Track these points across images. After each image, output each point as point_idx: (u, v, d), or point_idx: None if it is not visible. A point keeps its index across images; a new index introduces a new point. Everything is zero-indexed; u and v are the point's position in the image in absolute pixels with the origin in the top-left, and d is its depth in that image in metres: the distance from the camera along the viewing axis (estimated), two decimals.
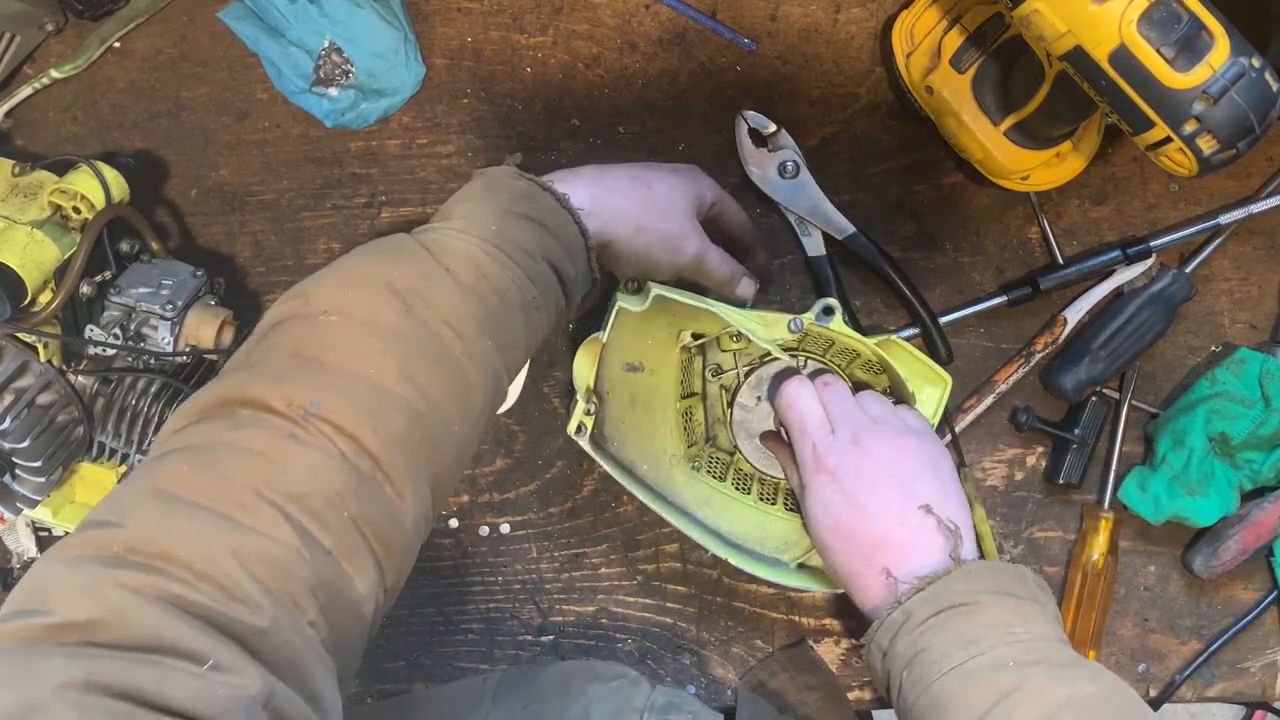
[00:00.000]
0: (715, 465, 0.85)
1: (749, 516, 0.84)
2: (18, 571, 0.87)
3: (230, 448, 0.51)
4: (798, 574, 0.82)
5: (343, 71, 0.82)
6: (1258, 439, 0.84)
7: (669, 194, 0.71)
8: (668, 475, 0.84)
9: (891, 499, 0.68)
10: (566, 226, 0.65)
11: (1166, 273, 0.86)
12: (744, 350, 0.84)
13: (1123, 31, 0.63)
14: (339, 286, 0.58)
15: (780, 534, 0.84)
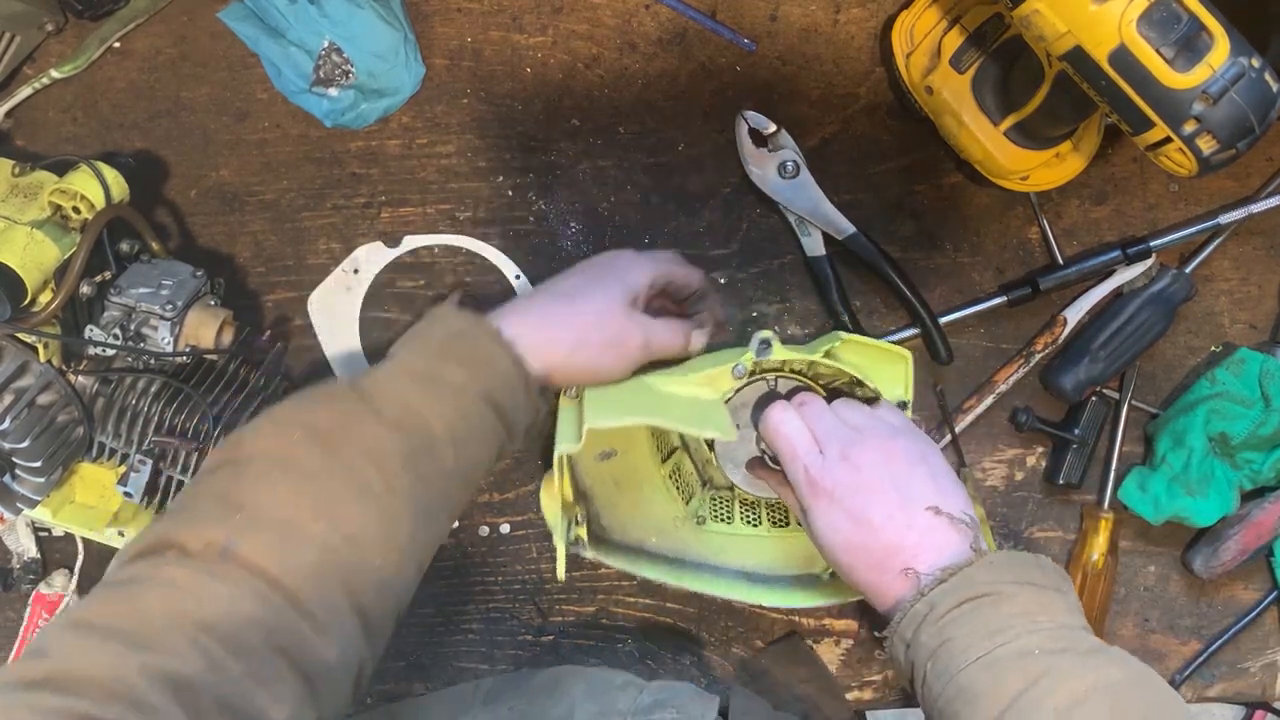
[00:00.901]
0: (719, 508, 0.85)
1: (768, 546, 0.84)
2: (18, 571, 0.87)
3: (149, 581, 0.56)
4: (833, 586, 0.81)
5: (343, 71, 0.82)
6: (1258, 439, 0.84)
7: (597, 305, 0.73)
8: (678, 538, 0.84)
9: (893, 506, 0.68)
10: (500, 360, 0.68)
11: (1166, 273, 0.86)
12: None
13: (1123, 31, 0.63)
14: (266, 433, 0.63)
15: (802, 549, 0.83)
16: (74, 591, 0.87)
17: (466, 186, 0.87)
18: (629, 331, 0.73)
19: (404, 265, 0.88)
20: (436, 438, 0.64)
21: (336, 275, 0.87)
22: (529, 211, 0.87)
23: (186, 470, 0.78)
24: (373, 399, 0.64)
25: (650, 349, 0.74)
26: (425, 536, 0.65)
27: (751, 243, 0.88)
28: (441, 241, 0.87)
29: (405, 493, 0.62)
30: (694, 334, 0.77)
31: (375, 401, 0.64)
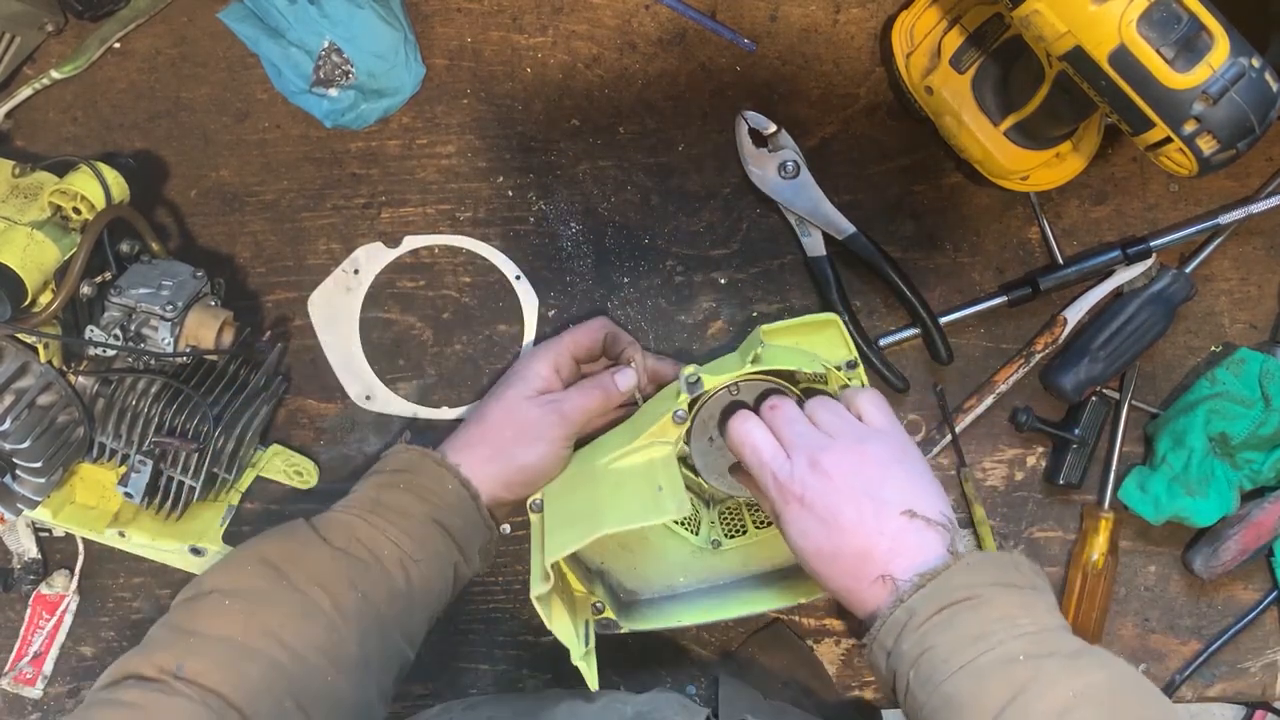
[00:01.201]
0: (730, 523, 0.85)
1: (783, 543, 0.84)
2: (18, 572, 0.87)
3: (107, 703, 0.61)
4: None
5: (343, 72, 0.82)
6: (1258, 439, 0.84)
7: (501, 408, 0.78)
8: (705, 567, 0.84)
9: (864, 512, 0.66)
10: (445, 483, 0.74)
11: (1166, 273, 0.86)
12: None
13: (1122, 32, 0.63)
14: (222, 569, 0.69)
15: None
16: (74, 592, 0.87)
17: (466, 186, 0.87)
18: (537, 417, 0.77)
19: (404, 265, 0.88)
20: (385, 559, 0.70)
21: (336, 275, 0.87)
22: (529, 211, 0.87)
23: (187, 470, 0.78)
24: (324, 529, 0.71)
25: (573, 420, 0.78)
26: (379, 657, 0.69)
27: (751, 243, 0.88)
28: (441, 242, 0.87)
29: (353, 611, 0.68)
30: (617, 379, 0.80)
31: (326, 531, 0.71)
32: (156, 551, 0.83)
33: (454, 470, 0.75)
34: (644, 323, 0.88)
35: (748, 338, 0.80)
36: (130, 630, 0.88)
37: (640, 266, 0.88)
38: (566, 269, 0.88)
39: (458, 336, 0.88)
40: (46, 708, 0.89)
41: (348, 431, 0.88)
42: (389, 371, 0.88)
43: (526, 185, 0.87)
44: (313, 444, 0.88)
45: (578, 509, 0.76)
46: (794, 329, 0.79)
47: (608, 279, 0.88)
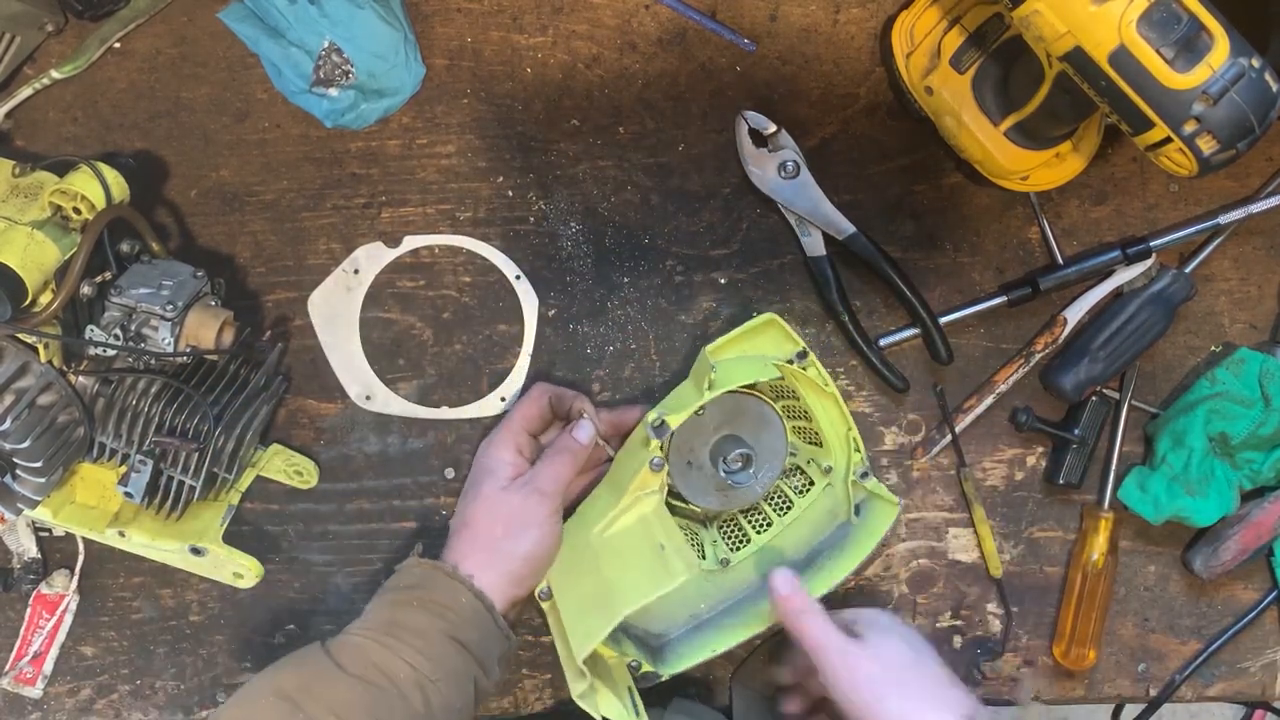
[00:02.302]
0: (731, 538, 0.86)
1: (791, 532, 0.86)
2: (18, 571, 0.87)
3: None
4: (864, 527, 0.84)
5: (343, 72, 0.82)
6: (1258, 439, 0.84)
7: (482, 508, 0.77)
8: (721, 587, 0.84)
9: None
10: (460, 596, 0.73)
11: (1166, 273, 0.86)
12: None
13: (1122, 32, 0.63)
14: (238, 704, 0.70)
15: (823, 509, 0.85)
16: (74, 591, 0.87)
17: (466, 186, 0.87)
18: (519, 503, 0.77)
19: (404, 265, 0.88)
20: (401, 684, 0.69)
21: (336, 275, 0.87)
22: (529, 211, 0.87)
23: (186, 470, 0.78)
24: (338, 655, 0.70)
25: (553, 493, 0.77)
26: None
27: (751, 243, 0.88)
28: (441, 241, 0.87)
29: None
30: (576, 435, 0.80)
31: (340, 657, 0.70)
32: (156, 551, 0.83)
33: (467, 583, 0.74)
34: (644, 323, 0.88)
35: (696, 361, 0.79)
36: (130, 630, 0.89)
37: (640, 266, 0.88)
38: (566, 269, 0.88)
39: (458, 336, 0.88)
40: (46, 707, 0.89)
41: (348, 431, 0.88)
42: (389, 371, 0.88)
43: (526, 185, 0.87)
44: (313, 444, 0.88)
45: (588, 592, 0.76)
46: (737, 340, 0.80)
47: (608, 279, 0.88)
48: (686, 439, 0.79)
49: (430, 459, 0.88)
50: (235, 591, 0.87)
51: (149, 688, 0.89)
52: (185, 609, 0.88)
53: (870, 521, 0.83)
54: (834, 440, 0.84)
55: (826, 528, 0.85)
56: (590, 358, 0.88)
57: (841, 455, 0.84)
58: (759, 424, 0.81)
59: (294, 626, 0.89)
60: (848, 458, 0.83)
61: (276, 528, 0.88)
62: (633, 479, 0.77)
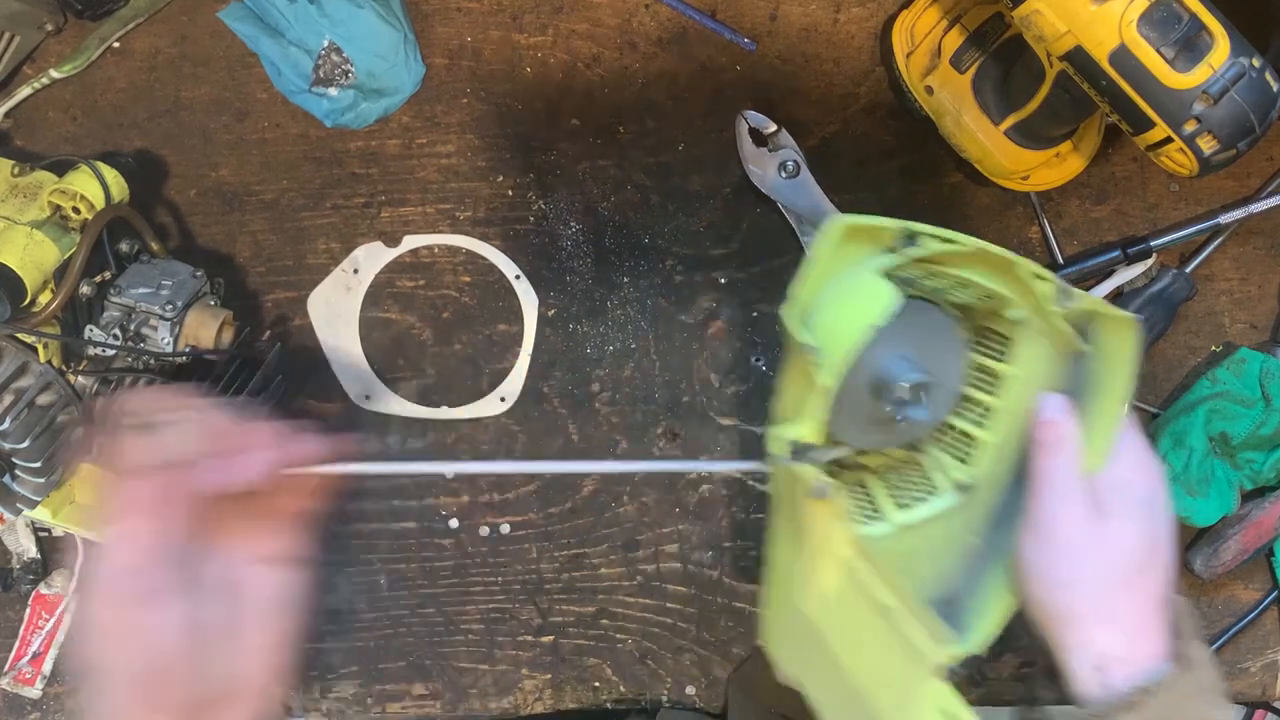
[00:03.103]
0: (956, 447, 0.64)
1: (1021, 399, 0.62)
2: (18, 572, 0.87)
3: None
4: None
5: (342, 71, 0.82)
6: (1258, 439, 0.84)
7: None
8: (981, 499, 0.64)
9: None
10: None
11: (1167, 273, 0.86)
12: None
13: (1123, 32, 0.63)
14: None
15: (1036, 355, 0.62)
16: (74, 592, 0.87)
17: (466, 186, 0.87)
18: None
19: (404, 265, 0.88)
20: None
21: (336, 275, 0.87)
22: (529, 211, 0.87)
23: None
24: None
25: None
26: None
27: (751, 242, 0.88)
28: (441, 241, 0.87)
29: None
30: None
31: None
32: None
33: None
34: (644, 323, 0.88)
35: (784, 335, 0.58)
36: None
37: (640, 266, 0.88)
38: (566, 268, 0.88)
39: (458, 336, 0.88)
40: (46, 708, 0.89)
41: (347, 431, 0.88)
42: (389, 371, 0.88)
43: (526, 185, 0.87)
44: None
45: (838, 695, 0.59)
46: (818, 276, 0.57)
47: (607, 278, 0.88)
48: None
49: (430, 459, 0.88)
50: None
51: None
52: None
53: (1108, 347, 0.59)
54: (1008, 289, 0.60)
55: (1059, 377, 0.61)
56: (590, 358, 0.88)
57: (1022, 298, 0.60)
58: (919, 329, 0.60)
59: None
60: (1034, 294, 0.59)
61: None
62: (802, 519, 0.57)
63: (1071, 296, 0.58)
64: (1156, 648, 0.57)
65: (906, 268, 0.57)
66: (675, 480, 0.88)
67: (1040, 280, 0.58)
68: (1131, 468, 0.59)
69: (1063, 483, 0.58)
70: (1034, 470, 0.59)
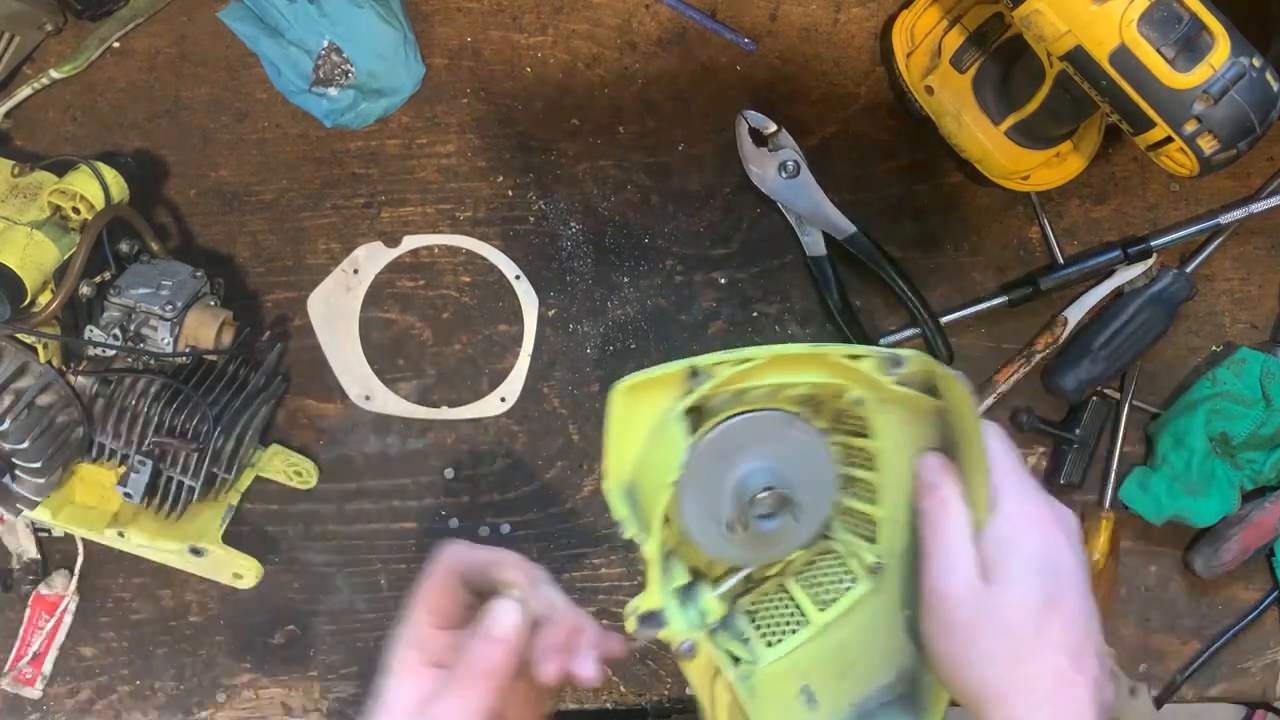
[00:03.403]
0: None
1: (895, 483, 0.60)
2: (18, 572, 0.87)
3: None
4: None
5: (342, 71, 0.82)
6: (1259, 439, 0.84)
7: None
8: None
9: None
10: None
11: (1167, 273, 0.86)
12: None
13: (1123, 31, 0.63)
14: None
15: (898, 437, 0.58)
16: (74, 592, 0.87)
17: (466, 186, 0.87)
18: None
19: (404, 265, 0.87)
20: None
21: (336, 275, 0.87)
22: (529, 211, 0.87)
23: (186, 470, 0.78)
24: None
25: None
26: None
27: (751, 243, 0.88)
28: (441, 241, 0.87)
29: None
30: (492, 630, 0.52)
31: None
32: (156, 551, 0.83)
33: None
34: (644, 323, 0.88)
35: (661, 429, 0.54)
36: (129, 631, 0.88)
37: (640, 266, 0.87)
38: (566, 269, 0.88)
39: (457, 336, 0.88)
40: (46, 708, 0.89)
41: (347, 432, 0.88)
42: (389, 371, 0.88)
43: (526, 185, 0.87)
44: (312, 444, 0.88)
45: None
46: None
47: (607, 279, 0.88)
48: (697, 482, 0.56)
49: (430, 459, 0.88)
50: (235, 592, 0.87)
51: (148, 688, 0.89)
52: (185, 609, 0.88)
53: (950, 398, 0.56)
54: (833, 376, 0.57)
55: (930, 435, 0.58)
56: (590, 358, 0.88)
57: (851, 378, 0.57)
58: (767, 438, 0.57)
59: (294, 627, 0.88)
60: (858, 372, 0.56)
61: (276, 528, 0.88)
62: (687, 678, 0.56)
63: (900, 362, 0.55)
64: (1085, 709, 0.53)
65: (726, 391, 0.55)
66: None
67: (857, 359, 0.55)
68: (1014, 520, 0.54)
69: (947, 555, 0.55)
70: (922, 544, 0.56)
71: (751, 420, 0.56)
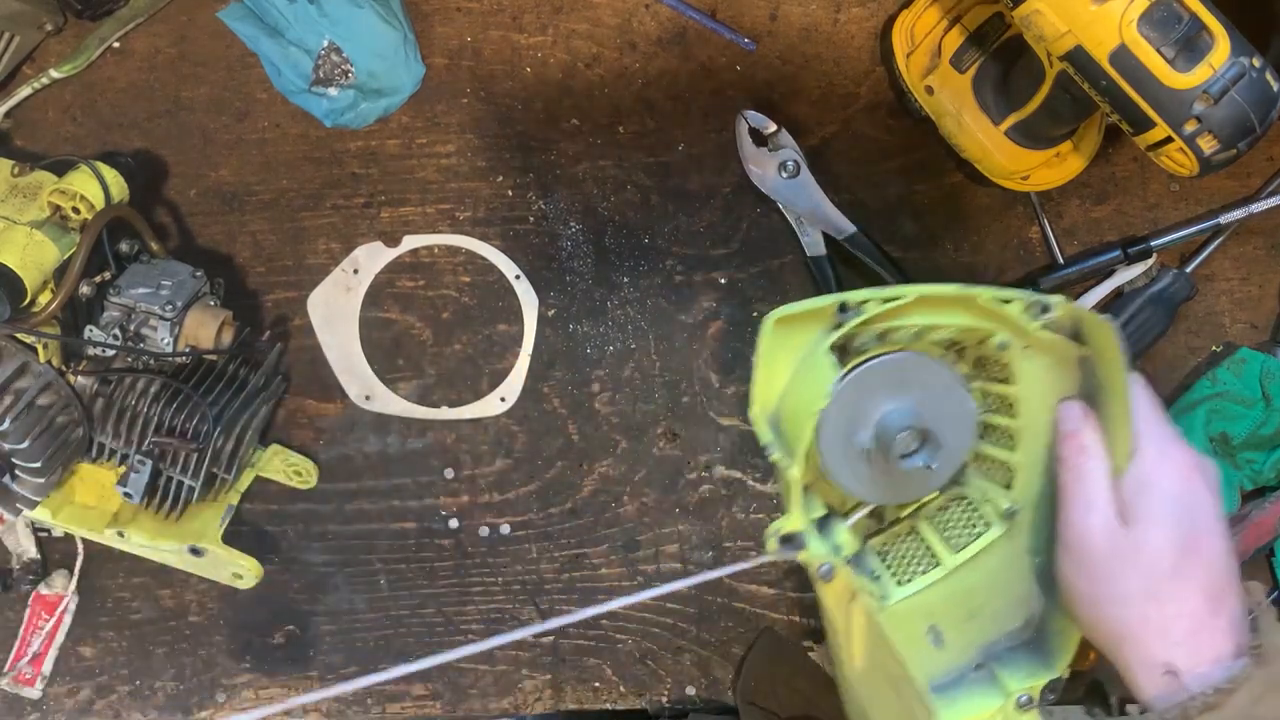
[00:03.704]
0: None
1: (1039, 416, 0.60)
2: (18, 572, 0.87)
3: None
4: None
5: (342, 71, 0.82)
6: (1258, 439, 0.84)
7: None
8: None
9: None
10: None
11: (1167, 273, 0.86)
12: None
13: (1123, 31, 0.63)
14: None
15: (1041, 367, 0.59)
16: (73, 592, 0.87)
17: (466, 186, 0.87)
18: None
19: (404, 265, 0.87)
20: None
21: (336, 275, 0.87)
22: (529, 211, 0.87)
23: (186, 470, 0.78)
24: None
25: None
26: None
27: (751, 243, 0.88)
28: (441, 241, 0.87)
29: None
30: None
31: None
32: (156, 551, 0.83)
33: None
34: (644, 323, 0.88)
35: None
36: (129, 631, 0.88)
37: (640, 266, 0.87)
38: (566, 269, 0.88)
39: (457, 336, 0.88)
40: (45, 708, 0.89)
41: (347, 431, 0.88)
42: (388, 371, 0.88)
43: (526, 185, 0.87)
44: (312, 444, 0.88)
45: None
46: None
47: (607, 279, 0.88)
48: (839, 417, 0.56)
49: (430, 459, 0.88)
50: (235, 592, 0.87)
51: (148, 688, 0.89)
52: (185, 609, 0.88)
53: (1098, 345, 0.56)
54: (979, 320, 0.58)
55: (1072, 381, 0.59)
56: (590, 358, 0.88)
57: (997, 322, 0.58)
58: (909, 379, 0.57)
59: (294, 627, 0.88)
60: (1006, 317, 0.57)
61: (276, 528, 0.88)
62: (821, 599, 0.59)
63: (1047, 307, 0.56)
64: (1223, 647, 0.54)
65: (871, 331, 0.56)
66: (675, 480, 0.88)
67: (1005, 303, 0.56)
68: (1154, 464, 0.56)
69: (1086, 496, 0.56)
70: (1060, 488, 0.58)
71: (895, 360, 0.57)
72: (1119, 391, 0.56)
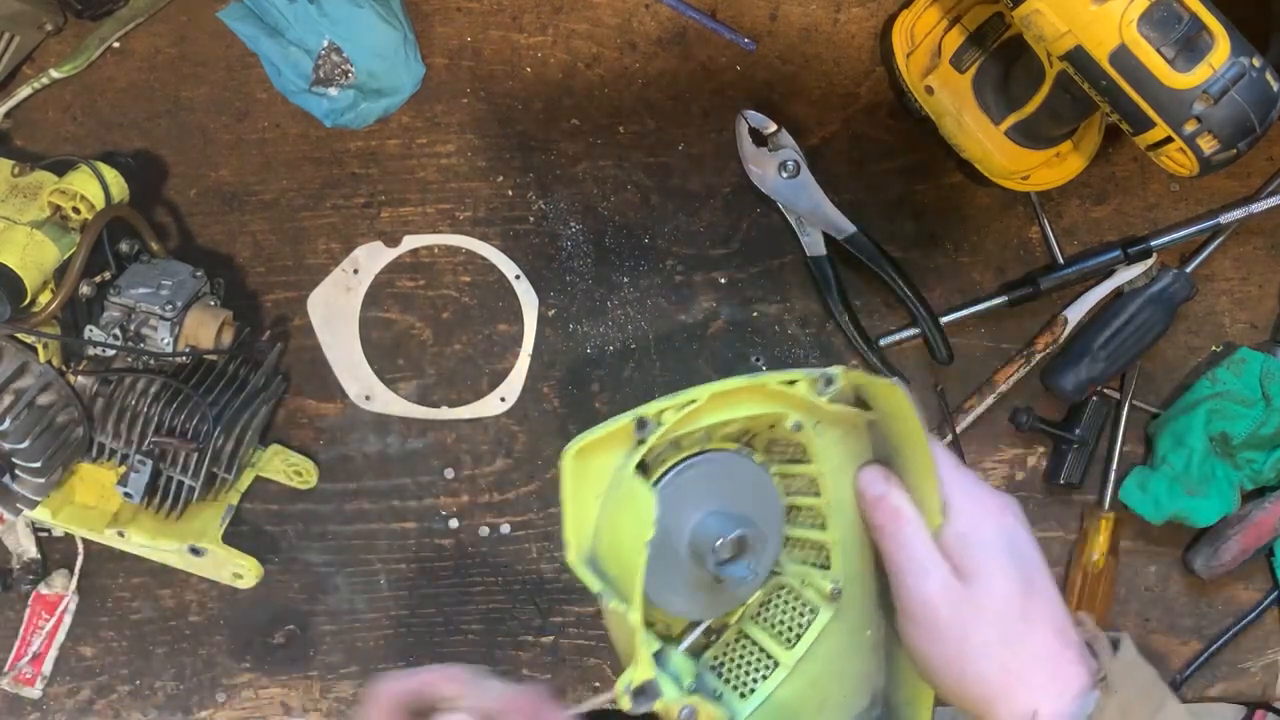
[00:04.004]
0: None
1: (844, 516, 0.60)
2: (18, 572, 0.87)
3: None
4: None
5: (342, 71, 0.82)
6: (1258, 439, 0.84)
7: None
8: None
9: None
10: None
11: (1167, 272, 0.86)
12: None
13: (1123, 31, 0.63)
14: None
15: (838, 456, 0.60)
16: (74, 591, 0.87)
17: (466, 186, 0.87)
18: None
19: (404, 265, 0.88)
20: None
21: (336, 275, 0.87)
22: (529, 211, 0.87)
23: (186, 470, 0.78)
24: None
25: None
26: None
27: (751, 243, 0.88)
28: (441, 241, 0.87)
29: None
30: None
31: None
32: (156, 551, 0.83)
33: None
34: (644, 323, 0.88)
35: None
36: (129, 630, 0.89)
37: (640, 266, 0.88)
38: (566, 269, 0.88)
39: (457, 336, 0.88)
40: (45, 708, 0.89)
41: (347, 431, 0.88)
42: (389, 371, 0.88)
43: (526, 185, 0.87)
44: (312, 444, 0.88)
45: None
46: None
47: (607, 279, 0.88)
48: (655, 539, 0.52)
49: (430, 459, 0.88)
50: (235, 592, 0.87)
51: (148, 688, 0.89)
52: (185, 609, 0.88)
53: (888, 406, 0.57)
54: (769, 405, 0.58)
55: (866, 448, 0.60)
56: (590, 358, 0.88)
57: (787, 404, 0.58)
58: (714, 480, 0.57)
59: (294, 627, 0.88)
60: (794, 398, 0.57)
61: (276, 528, 0.88)
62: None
63: (831, 379, 0.56)
64: (1079, 681, 0.54)
65: (665, 440, 0.55)
66: None
67: (791, 384, 0.56)
68: (970, 514, 0.56)
69: (917, 562, 0.55)
70: (886, 558, 0.57)
71: (697, 465, 0.55)
72: (918, 448, 0.55)
